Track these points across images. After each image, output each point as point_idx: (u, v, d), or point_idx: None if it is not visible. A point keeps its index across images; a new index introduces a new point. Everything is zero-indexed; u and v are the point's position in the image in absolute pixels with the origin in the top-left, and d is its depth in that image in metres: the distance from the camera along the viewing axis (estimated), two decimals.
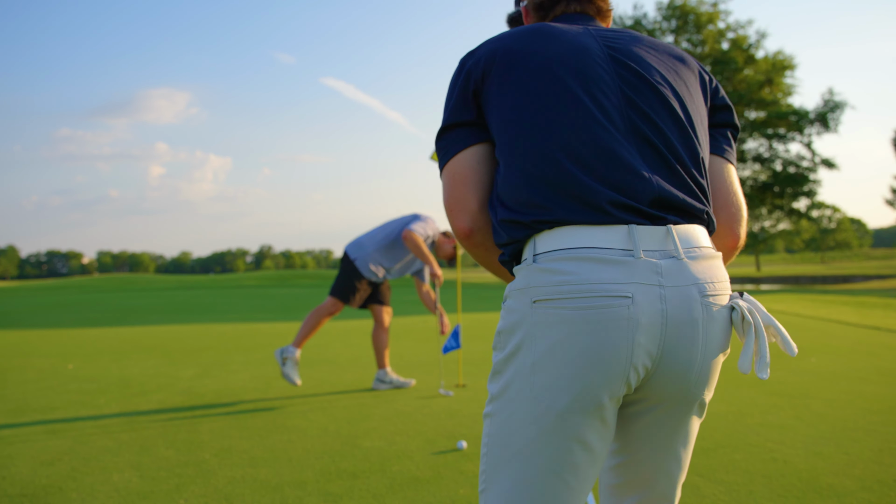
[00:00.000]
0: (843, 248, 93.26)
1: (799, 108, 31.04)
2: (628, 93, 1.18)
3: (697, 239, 1.15)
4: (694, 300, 1.10)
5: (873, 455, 3.32)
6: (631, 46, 1.25)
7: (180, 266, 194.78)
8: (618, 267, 1.06)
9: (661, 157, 1.15)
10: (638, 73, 1.20)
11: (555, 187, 1.11)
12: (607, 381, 1.08)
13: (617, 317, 1.05)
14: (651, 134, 1.16)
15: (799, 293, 20.70)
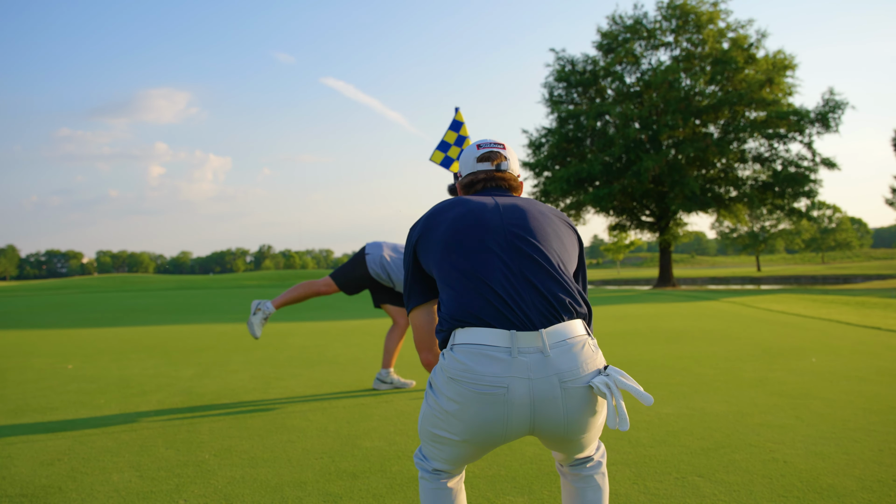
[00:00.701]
0: (843, 248, 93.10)
1: (799, 108, 31.00)
2: (514, 241, 1.76)
3: (567, 332, 1.67)
4: (554, 386, 1.62)
5: (873, 455, 3.32)
6: (521, 210, 1.85)
7: (180, 266, 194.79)
8: (500, 364, 1.61)
9: (544, 274, 1.72)
10: (523, 226, 1.80)
11: (469, 300, 1.69)
12: (492, 435, 1.66)
13: (497, 400, 1.61)
14: (537, 259, 1.73)
15: (799, 293, 20.69)
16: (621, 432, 3.78)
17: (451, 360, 1.67)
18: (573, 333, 1.68)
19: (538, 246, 1.77)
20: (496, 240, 1.77)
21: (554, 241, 1.81)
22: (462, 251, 1.76)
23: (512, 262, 1.73)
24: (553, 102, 35.58)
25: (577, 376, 1.63)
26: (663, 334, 8.64)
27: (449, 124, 5.58)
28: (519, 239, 1.77)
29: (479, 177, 2.05)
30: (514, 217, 1.82)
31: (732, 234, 65.08)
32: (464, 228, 1.80)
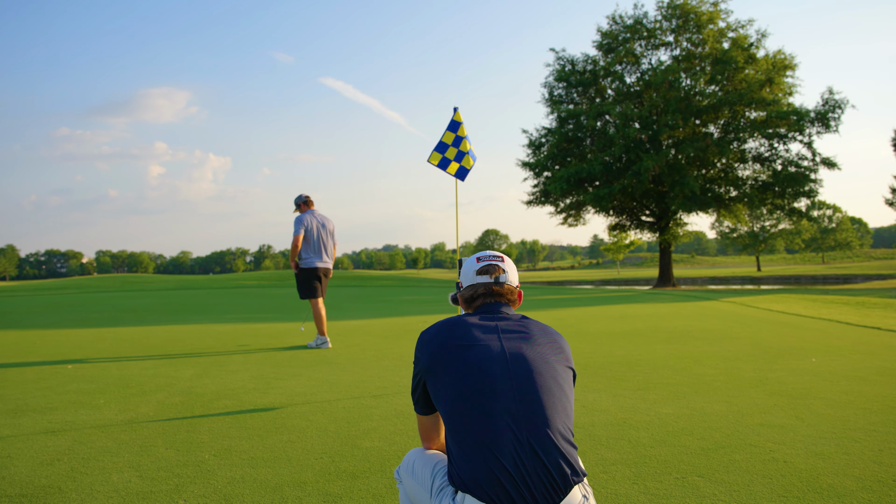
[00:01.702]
0: (843, 248, 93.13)
1: (799, 108, 30.99)
2: (523, 408, 1.83)
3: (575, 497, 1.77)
4: None
5: (873, 455, 3.32)
6: (527, 362, 1.91)
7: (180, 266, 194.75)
8: None
9: (542, 463, 1.75)
10: (530, 382, 1.86)
11: (478, 477, 1.76)
12: None
13: None
14: (537, 441, 1.78)
15: (799, 293, 20.69)
16: (620, 434, 3.79)
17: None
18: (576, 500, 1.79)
19: (545, 407, 1.84)
20: (507, 408, 1.82)
21: (559, 397, 1.89)
22: (473, 418, 1.82)
23: (521, 434, 1.78)
24: (553, 102, 35.58)
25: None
26: (663, 334, 8.64)
27: (447, 125, 5.58)
28: (529, 401, 1.83)
29: (478, 290, 2.15)
30: (520, 373, 1.88)
31: (732, 234, 65.16)
32: (474, 390, 1.85)
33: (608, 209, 34.90)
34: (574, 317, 11.79)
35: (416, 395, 2.07)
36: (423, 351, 2.00)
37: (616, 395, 4.81)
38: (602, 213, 35.27)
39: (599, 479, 3.05)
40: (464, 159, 5.64)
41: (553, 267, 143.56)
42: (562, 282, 57.08)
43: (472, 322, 2.01)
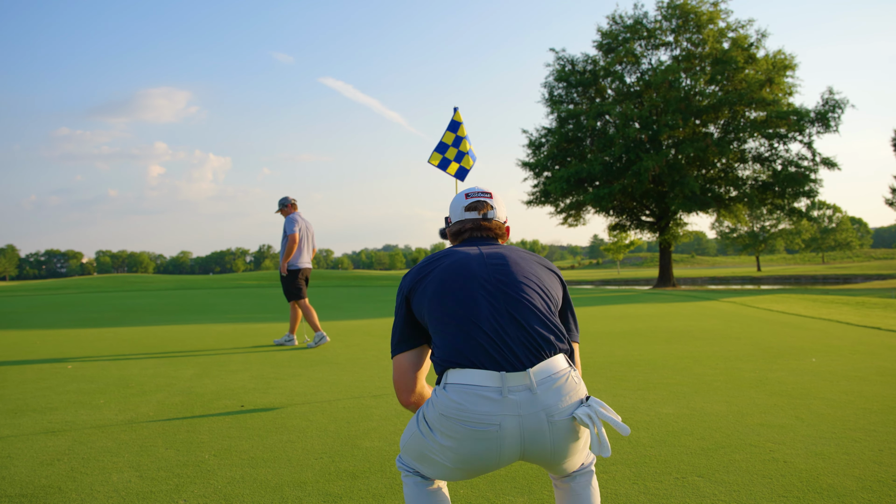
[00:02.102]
0: (843, 247, 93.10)
1: (799, 108, 30.97)
2: (504, 281, 1.91)
3: (552, 368, 1.80)
4: (542, 420, 1.76)
5: (873, 455, 3.32)
6: (503, 257, 2.00)
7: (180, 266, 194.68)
8: (492, 403, 1.74)
9: (529, 314, 1.85)
10: (506, 271, 1.94)
11: (460, 343, 1.81)
12: (482, 467, 1.81)
13: (490, 436, 1.74)
14: (524, 301, 1.87)
15: (799, 293, 20.69)
16: (621, 434, 3.79)
17: (444, 397, 1.79)
18: (557, 368, 1.82)
19: (521, 287, 1.92)
20: (482, 285, 1.90)
21: (536, 283, 1.96)
22: (452, 298, 1.89)
23: (498, 304, 1.86)
24: (553, 102, 35.56)
25: (562, 409, 1.78)
26: (663, 334, 8.64)
27: (447, 125, 5.58)
28: (503, 283, 1.91)
29: (465, 226, 2.18)
30: (497, 263, 1.97)
31: (732, 234, 65.15)
32: (452, 278, 1.93)
33: (608, 209, 34.89)
34: None
35: (400, 325, 2.02)
36: (405, 281, 2.04)
37: (616, 395, 4.81)
38: (602, 213, 35.25)
39: (599, 479, 3.05)
40: (464, 159, 5.63)
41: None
42: None
43: (455, 248, 2.07)
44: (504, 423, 1.73)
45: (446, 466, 1.84)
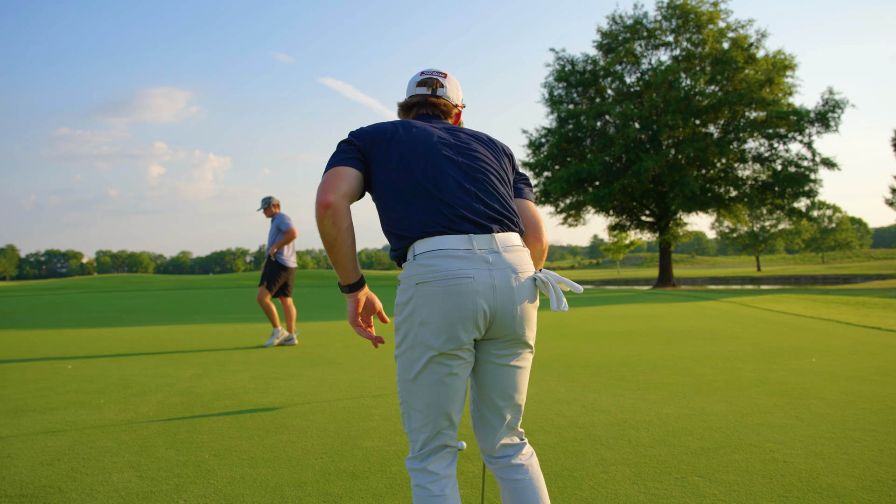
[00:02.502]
0: (843, 248, 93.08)
1: (799, 108, 30.98)
2: (465, 158, 1.94)
3: (511, 240, 1.88)
4: (509, 276, 1.81)
5: (873, 455, 3.32)
6: (461, 133, 2.03)
7: (180, 266, 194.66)
8: (463, 260, 1.77)
9: (488, 192, 1.91)
10: (468, 145, 1.99)
11: (426, 214, 1.81)
12: (464, 325, 1.77)
13: (465, 289, 1.76)
14: (481, 179, 1.92)
15: (799, 293, 20.69)
16: (620, 434, 3.79)
17: (417, 266, 1.78)
18: (518, 242, 1.90)
19: (483, 170, 1.95)
20: (449, 162, 1.91)
21: (493, 166, 2.00)
22: (421, 173, 1.87)
23: (463, 182, 1.89)
24: (553, 102, 35.57)
25: (525, 270, 1.86)
26: (663, 334, 8.64)
27: None
28: (469, 166, 1.93)
29: (414, 100, 2.17)
30: (459, 140, 2.00)
31: (732, 234, 65.07)
32: (418, 152, 1.91)
33: (608, 209, 34.88)
34: (574, 317, 11.79)
35: (348, 150, 1.92)
36: (359, 135, 1.96)
37: (616, 395, 4.81)
38: (602, 213, 35.26)
39: (599, 479, 3.05)
40: None
41: (553, 267, 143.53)
42: None
43: (410, 121, 2.05)
44: (477, 276, 1.76)
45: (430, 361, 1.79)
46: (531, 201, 2.16)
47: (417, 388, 1.83)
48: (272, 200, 8.41)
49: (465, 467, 3.24)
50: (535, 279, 1.88)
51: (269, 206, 8.37)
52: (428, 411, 1.83)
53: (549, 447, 3.53)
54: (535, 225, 2.08)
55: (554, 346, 7.55)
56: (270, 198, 8.43)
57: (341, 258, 1.85)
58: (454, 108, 2.20)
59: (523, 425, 3.97)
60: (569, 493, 2.89)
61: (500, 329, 1.83)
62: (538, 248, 2.07)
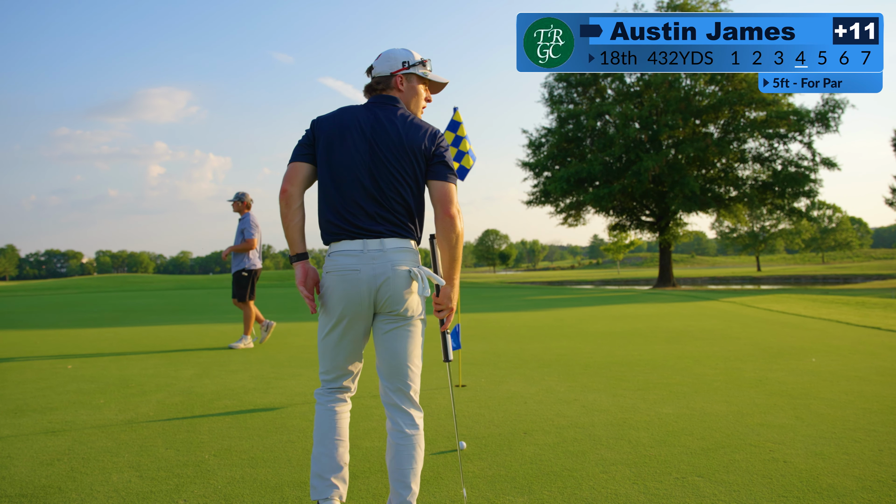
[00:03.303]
0: (843, 248, 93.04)
1: (799, 108, 30.97)
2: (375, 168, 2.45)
3: (394, 244, 2.43)
4: (388, 268, 2.41)
5: (873, 455, 3.32)
6: (380, 131, 2.47)
7: (180, 266, 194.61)
8: (355, 258, 2.42)
9: (386, 205, 2.44)
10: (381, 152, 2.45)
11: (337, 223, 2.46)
12: (354, 305, 2.43)
13: (351, 277, 2.41)
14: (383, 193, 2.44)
15: (799, 293, 20.69)
16: (620, 434, 3.79)
17: (329, 262, 2.48)
18: (403, 245, 2.45)
19: (389, 173, 2.44)
20: (362, 164, 2.44)
21: (398, 167, 2.45)
22: (331, 167, 2.47)
23: (377, 186, 2.43)
24: (553, 102, 35.55)
25: (401, 264, 2.43)
26: (663, 334, 8.64)
27: (447, 125, 5.57)
28: (383, 167, 2.44)
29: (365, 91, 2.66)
30: (376, 144, 2.45)
31: (732, 234, 65.10)
32: (332, 145, 2.48)
33: (608, 209, 34.87)
34: (574, 317, 11.79)
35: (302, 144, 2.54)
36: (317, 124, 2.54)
37: (616, 395, 4.81)
38: (602, 213, 35.23)
39: (599, 479, 3.05)
40: (463, 159, 5.64)
41: (553, 267, 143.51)
42: (562, 282, 57.07)
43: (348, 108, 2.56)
44: (362, 269, 2.41)
45: (333, 326, 2.47)
46: (443, 180, 2.47)
47: (324, 344, 2.52)
48: (246, 197, 8.15)
49: (465, 467, 3.24)
50: (409, 271, 2.44)
51: (242, 202, 8.12)
52: (330, 360, 2.53)
53: (549, 447, 3.53)
54: (440, 201, 2.46)
55: (554, 346, 7.55)
56: (245, 194, 8.17)
57: (289, 232, 2.50)
58: (390, 77, 2.58)
59: (523, 424, 3.98)
60: (569, 493, 2.89)
61: (383, 306, 2.44)
62: (446, 221, 2.43)
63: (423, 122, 2.53)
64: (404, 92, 2.59)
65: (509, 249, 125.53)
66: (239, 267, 7.97)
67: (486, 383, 5.38)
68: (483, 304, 16.54)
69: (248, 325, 8.03)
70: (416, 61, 2.59)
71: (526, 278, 70.09)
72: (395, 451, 2.42)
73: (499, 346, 7.66)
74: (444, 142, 2.51)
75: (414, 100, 2.61)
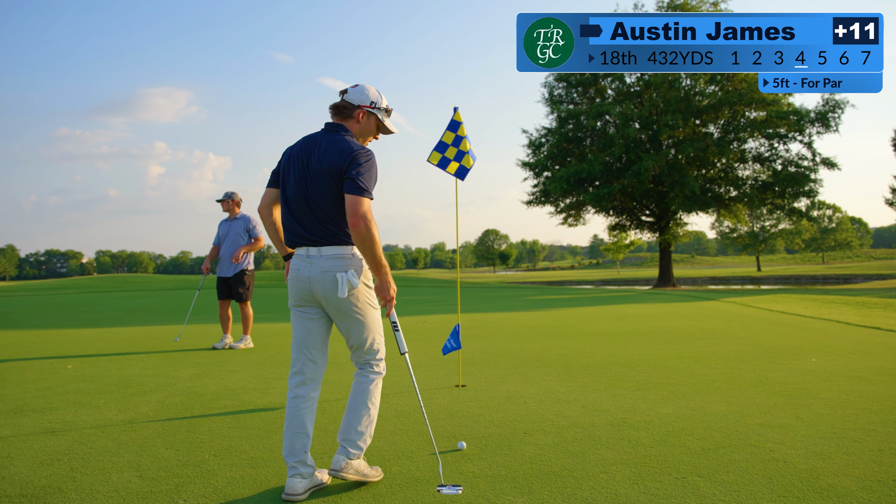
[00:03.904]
0: (843, 247, 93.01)
1: (799, 108, 30.97)
2: (306, 190, 2.99)
3: (327, 251, 2.96)
4: (319, 272, 2.95)
5: (873, 455, 3.32)
6: (312, 149, 3.02)
7: (180, 266, 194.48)
8: (301, 262, 3.01)
9: (316, 221, 2.98)
10: (309, 178, 2.99)
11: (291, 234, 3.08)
12: (301, 298, 3.05)
13: (297, 276, 3.01)
14: (313, 212, 2.98)
15: (799, 293, 20.70)
16: (620, 434, 3.79)
17: (289, 265, 3.13)
18: (337, 252, 2.97)
19: (315, 194, 2.96)
20: (299, 186, 3.00)
21: (320, 189, 2.95)
22: (284, 190, 3.09)
23: (309, 204, 2.98)
24: (553, 102, 35.55)
25: (332, 270, 2.95)
26: (663, 334, 8.64)
27: (447, 125, 5.56)
28: (310, 188, 2.97)
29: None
30: (308, 170, 2.99)
31: (732, 234, 65.10)
32: (286, 176, 3.09)
33: (608, 209, 34.88)
34: (574, 317, 11.79)
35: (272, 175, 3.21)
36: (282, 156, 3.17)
37: (616, 395, 4.81)
38: (602, 213, 35.24)
39: (599, 479, 3.05)
40: (464, 159, 5.63)
41: (553, 267, 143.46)
42: (562, 282, 57.08)
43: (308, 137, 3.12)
44: (302, 271, 2.99)
45: (293, 310, 3.10)
46: (349, 192, 2.87)
47: (292, 331, 3.12)
48: (235, 196, 8.00)
49: (465, 467, 3.24)
50: (335, 274, 2.93)
51: (232, 201, 7.94)
52: (295, 347, 3.09)
53: (549, 447, 3.53)
54: (348, 211, 2.86)
55: (554, 346, 7.55)
56: (234, 193, 8.01)
57: (272, 240, 3.25)
58: (355, 108, 3.08)
59: (523, 424, 3.99)
60: (569, 493, 2.89)
61: (322, 302, 3.00)
62: (352, 228, 2.85)
63: (347, 146, 2.94)
64: (361, 124, 3.09)
65: (509, 249, 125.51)
66: (240, 267, 7.89)
67: (486, 383, 5.38)
68: (483, 304, 16.54)
69: (248, 324, 8.04)
70: (382, 107, 3.12)
71: (526, 278, 70.10)
72: (354, 390, 3.10)
73: (499, 346, 7.66)
74: (359, 159, 2.90)
75: (366, 134, 3.13)
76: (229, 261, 7.87)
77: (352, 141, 2.98)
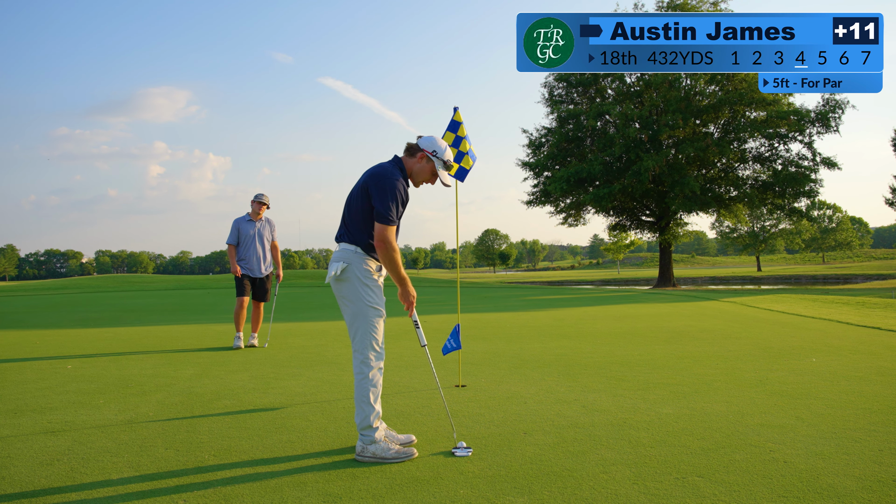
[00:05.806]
0: (843, 247, 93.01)
1: (800, 108, 30.95)
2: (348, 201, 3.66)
3: (343, 245, 3.58)
4: (334, 264, 3.57)
5: (873, 455, 3.32)
6: (369, 172, 3.60)
7: (179, 266, 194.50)
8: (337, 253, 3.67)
9: (346, 223, 3.62)
10: (352, 194, 3.62)
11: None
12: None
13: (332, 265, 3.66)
14: (348, 215, 3.61)
15: (799, 293, 20.70)
16: (620, 434, 3.79)
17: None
18: (343, 248, 3.52)
19: (350, 207, 3.58)
20: (349, 195, 3.62)
21: (354, 202, 3.54)
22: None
23: (349, 210, 3.59)
24: (553, 102, 35.54)
25: (334, 261, 3.54)
26: (663, 334, 8.64)
27: (447, 125, 5.56)
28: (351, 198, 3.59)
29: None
30: (355, 189, 3.59)
31: (732, 234, 65.14)
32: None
33: (608, 209, 34.86)
34: (574, 317, 11.79)
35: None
36: None
37: (616, 395, 4.81)
38: (602, 213, 35.22)
39: (599, 479, 3.05)
40: (464, 160, 5.63)
41: (553, 267, 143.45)
42: (562, 282, 57.07)
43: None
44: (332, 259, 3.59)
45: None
46: (377, 221, 3.41)
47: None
48: (266, 199, 8.13)
49: (465, 467, 3.24)
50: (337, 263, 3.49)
51: (264, 204, 8.05)
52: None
53: (549, 447, 3.53)
54: (375, 237, 3.41)
55: (554, 346, 7.55)
56: (265, 195, 8.14)
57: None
58: (419, 150, 3.62)
59: (523, 424, 3.99)
60: (569, 493, 2.89)
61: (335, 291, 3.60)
62: (379, 252, 3.42)
63: (379, 169, 3.53)
64: (419, 163, 3.60)
65: (509, 249, 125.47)
66: (270, 268, 8.23)
67: (486, 383, 5.38)
68: (483, 304, 16.54)
69: (260, 323, 8.27)
70: (442, 158, 3.62)
71: (526, 278, 70.10)
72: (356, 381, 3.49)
73: (499, 346, 7.66)
74: (380, 184, 3.43)
75: (419, 174, 3.62)
76: (263, 261, 8.10)
77: (388, 167, 3.52)
